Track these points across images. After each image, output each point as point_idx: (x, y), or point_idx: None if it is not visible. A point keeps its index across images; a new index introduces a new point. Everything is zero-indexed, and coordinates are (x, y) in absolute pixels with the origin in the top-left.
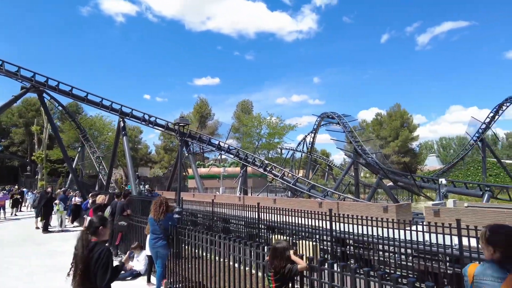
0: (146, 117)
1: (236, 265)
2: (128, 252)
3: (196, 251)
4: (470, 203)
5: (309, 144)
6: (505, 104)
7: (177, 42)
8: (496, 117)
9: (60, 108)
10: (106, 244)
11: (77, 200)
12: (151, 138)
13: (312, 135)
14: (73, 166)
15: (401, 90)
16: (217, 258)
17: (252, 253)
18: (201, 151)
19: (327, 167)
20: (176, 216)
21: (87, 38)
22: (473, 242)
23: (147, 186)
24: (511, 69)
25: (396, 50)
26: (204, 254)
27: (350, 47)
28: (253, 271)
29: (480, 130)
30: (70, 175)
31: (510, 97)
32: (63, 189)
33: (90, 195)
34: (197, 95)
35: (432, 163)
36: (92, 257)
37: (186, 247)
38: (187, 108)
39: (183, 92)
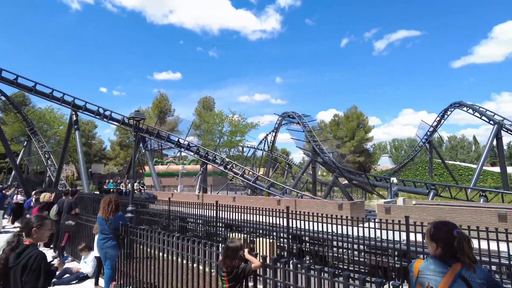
0: (101, 110)
1: (190, 265)
2: (60, 258)
3: (149, 250)
4: (417, 201)
5: (270, 142)
6: (449, 110)
7: (138, 34)
8: (442, 121)
9: (3, 98)
10: (50, 247)
11: (19, 198)
12: (107, 133)
13: (273, 134)
14: (18, 162)
15: (359, 92)
16: (169, 257)
17: (206, 253)
18: (160, 148)
19: (287, 166)
20: (129, 215)
21: (37, 24)
22: (419, 237)
23: (136, 185)
24: (456, 77)
25: (355, 54)
26: (157, 254)
27: (312, 49)
28: (207, 270)
29: (428, 133)
30: (13, 171)
31: (454, 103)
32: None
33: (33, 192)
34: (157, 90)
35: (385, 163)
36: (20, 262)
37: (140, 247)
38: (146, 102)
39: (142, 86)
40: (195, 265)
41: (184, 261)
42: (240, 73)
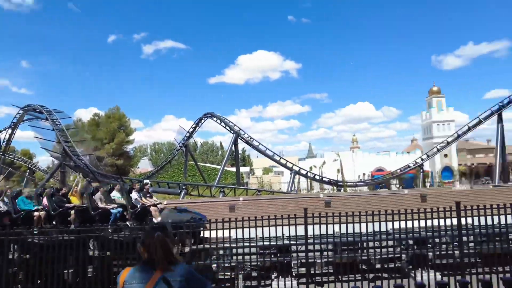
0: None
1: None
2: None
3: None
4: (169, 200)
5: (4, 142)
6: (203, 119)
7: None
8: (197, 128)
9: None
10: None
11: None
12: None
13: (10, 130)
14: None
15: (123, 93)
16: None
17: None
18: None
19: (28, 171)
20: None
21: None
22: None
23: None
24: (211, 91)
25: (123, 53)
26: None
27: (73, 38)
28: None
29: (185, 138)
30: None
31: (207, 113)
32: None
33: None
34: None
35: (144, 166)
36: None
37: None
38: None
39: None
40: None
41: None
42: None
